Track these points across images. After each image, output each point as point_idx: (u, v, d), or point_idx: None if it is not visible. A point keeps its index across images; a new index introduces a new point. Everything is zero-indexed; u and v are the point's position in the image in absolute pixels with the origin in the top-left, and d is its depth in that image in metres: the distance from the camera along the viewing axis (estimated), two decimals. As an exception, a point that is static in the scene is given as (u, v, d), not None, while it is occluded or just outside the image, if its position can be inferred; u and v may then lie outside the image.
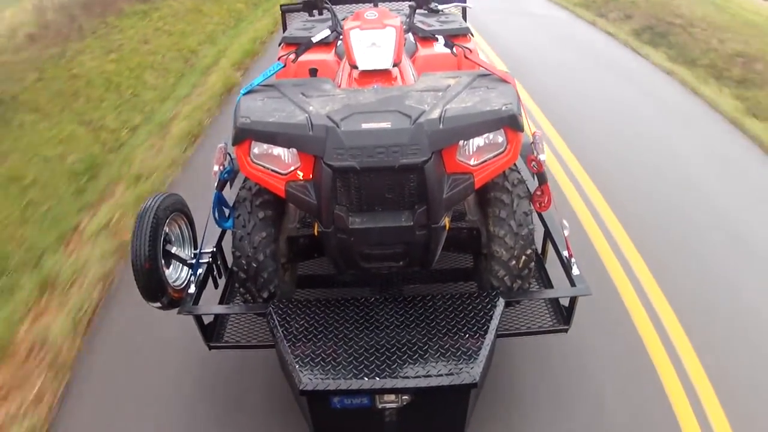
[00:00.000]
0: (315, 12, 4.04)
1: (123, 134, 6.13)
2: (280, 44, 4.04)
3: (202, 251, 2.92)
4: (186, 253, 2.92)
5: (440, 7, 3.36)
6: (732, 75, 7.57)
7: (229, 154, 2.78)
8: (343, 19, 3.02)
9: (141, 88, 7.24)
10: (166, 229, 2.69)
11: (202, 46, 8.99)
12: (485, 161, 2.38)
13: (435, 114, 2.26)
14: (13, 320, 3.71)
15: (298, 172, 2.37)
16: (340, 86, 2.73)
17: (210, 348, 2.83)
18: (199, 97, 7.16)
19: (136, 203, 4.83)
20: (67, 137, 5.81)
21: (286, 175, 2.38)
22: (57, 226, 4.66)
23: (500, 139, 2.37)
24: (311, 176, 2.35)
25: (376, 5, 4.40)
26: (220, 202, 2.70)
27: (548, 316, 2.90)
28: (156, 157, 5.71)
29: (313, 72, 3.39)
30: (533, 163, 2.70)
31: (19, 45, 7.77)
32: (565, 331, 2.83)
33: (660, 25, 9.70)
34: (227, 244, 2.90)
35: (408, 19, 3.24)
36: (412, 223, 2.33)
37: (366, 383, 2.24)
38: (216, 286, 3.04)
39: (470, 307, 2.56)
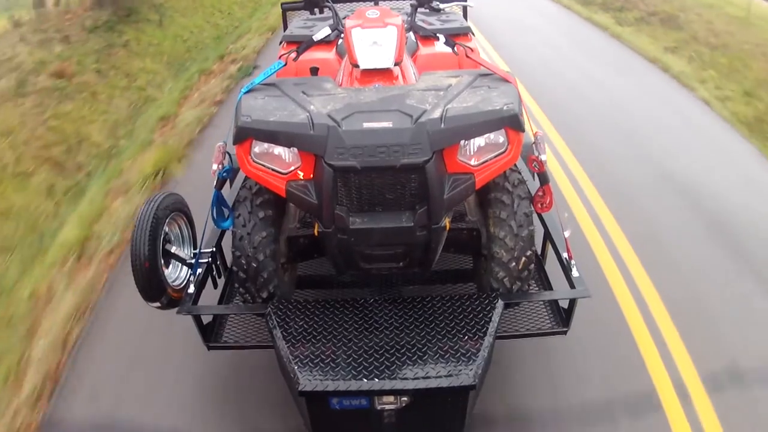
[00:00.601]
0: (316, 10, 4.02)
1: (231, 28, 10.82)
2: (280, 43, 4.02)
3: (201, 251, 2.91)
4: (185, 252, 2.91)
5: (441, 6, 3.34)
6: (614, 6, 11.55)
7: (229, 153, 2.77)
8: (344, 18, 3.01)
9: (233, 11, 11.88)
10: (166, 228, 2.68)
11: (263, -3, 13.99)
12: (486, 161, 2.37)
13: (436, 113, 2.25)
14: (207, 66, 8.33)
15: (299, 171, 2.36)
16: (341, 85, 2.71)
17: (209, 348, 2.82)
18: (277, 11, 11.29)
19: (266, 31, 10.25)
20: (198, 26, 10.38)
21: (286, 174, 2.37)
22: (213, 50, 9.24)
23: (501, 139, 2.36)
24: (312, 176, 2.34)
25: (377, 4, 4.39)
26: (219, 201, 2.69)
27: (547, 317, 2.89)
28: (267, 23, 10.87)
29: (314, 71, 3.37)
30: (534, 163, 2.69)
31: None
32: (564, 333, 2.82)
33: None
34: (227, 244, 2.89)
35: (409, 18, 3.23)
36: (412, 224, 2.32)
37: (365, 384, 2.23)
38: (215, 286, 3.02)
39: (469, 308, 2.55)
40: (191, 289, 2.75)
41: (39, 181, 5.20)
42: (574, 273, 2.80)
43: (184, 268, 2.88)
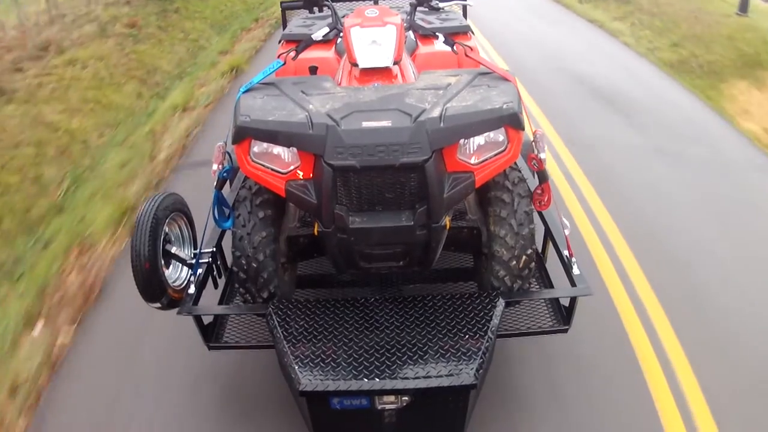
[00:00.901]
0: (315, 9, 4.02)
1: (257, 4, 12.76)
2: (279, 41, 4.02)
3: (201, 251, 2.91)
4: (186, 253, 2.90)
5: (441, 4, 3.34)
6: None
7: (228, 153, 2.77)
8: (344, 17, 3.00)
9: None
10: (166, 228, 2.67)
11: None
12: (486, 160, 2.36)
13: (436, 112, 2.24)
14: (246, 25, 11.10)
15: (298, 171, 2.35)
16: (340, 84, 2.71)
17: (209, 348, 2.82)
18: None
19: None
20: (231, 2, 12.18)
21: (286, 174, 2.37)
22: (248, 16, 11.68)
23: (501, 137, 2.36)
24: (311, 175, 2.33)
25: (376, 3, 4.38)
26: (219, 201, 2.69)
27: (548, 315, 2.89)
28: None
29: (313, 70, 3.37)
30: (534, 161, 2.69)
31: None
32: (565, 331, 2.82)
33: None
34: (227, 244, 2.88)
35: (409, 17, 3.22)
36: (412, 223, 2.32)
37: (365, 384, 2.23)
38: (216, 286, 3.02)
39: (470, 307, 2.54)
40: (192, 289, 2.75)
41: (129, 90, 7.25)
42: (575, 271, 2.80)
43: (185, 268, 2.87)
